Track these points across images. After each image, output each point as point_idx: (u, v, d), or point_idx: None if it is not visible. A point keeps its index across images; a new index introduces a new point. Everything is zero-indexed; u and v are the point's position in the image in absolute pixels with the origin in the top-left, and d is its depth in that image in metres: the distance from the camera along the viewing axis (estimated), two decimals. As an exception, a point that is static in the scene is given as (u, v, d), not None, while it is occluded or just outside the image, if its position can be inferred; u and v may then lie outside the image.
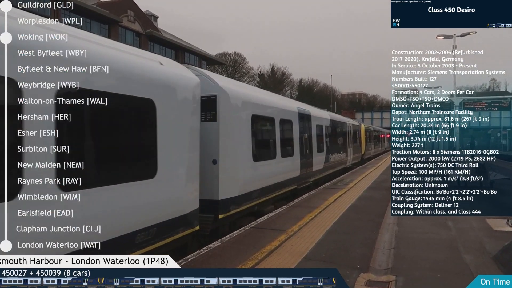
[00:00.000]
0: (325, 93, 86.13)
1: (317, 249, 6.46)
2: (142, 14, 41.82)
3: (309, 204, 10.75)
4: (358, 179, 17.39)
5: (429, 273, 5.37)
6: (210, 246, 6.55)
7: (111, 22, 36.84)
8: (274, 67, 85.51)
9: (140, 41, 40.46)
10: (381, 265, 5.80)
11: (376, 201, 11.44)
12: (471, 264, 5.74)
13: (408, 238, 7.26)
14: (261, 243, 6.80)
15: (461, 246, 6.67)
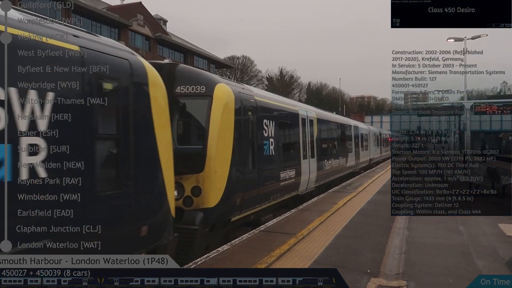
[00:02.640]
0: (334, 96, 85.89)
1: (327, 253, 6.42)
2: (151, 18, 42.15)
3: (318, 208, 10.70)
4: (367, 182, 17.28)
5: (440, 279, 5.30)
6: (219, 250, 6.54)
7: (121, 26, 37.18)
8: (282, 70, 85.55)
9: (150, 45, 40.78)
10: (391, 270, 5.75)
11: (386, 206, 11.29)
12: (484, 270, 5.66)
13: (419, 243, 7.19)
14: (271, 246, 6.77)
15: (473, 252, 6.58)
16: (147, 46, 40.09)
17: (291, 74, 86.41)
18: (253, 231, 7.89)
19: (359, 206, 11.08)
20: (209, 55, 51.46)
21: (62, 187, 3.62)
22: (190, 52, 47.34)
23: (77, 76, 3.86)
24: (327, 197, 12.84)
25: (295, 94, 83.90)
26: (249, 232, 7.80)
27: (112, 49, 4.71)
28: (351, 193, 13.75)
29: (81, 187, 3.70)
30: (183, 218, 6.59)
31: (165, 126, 5.32)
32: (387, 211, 10.55)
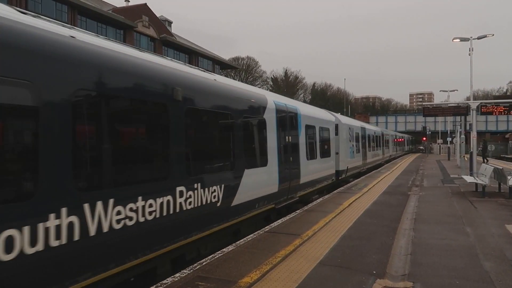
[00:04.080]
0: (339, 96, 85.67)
1: (333, 254, 6.39)
2: (156, 19, 42.28)
3: (323, 209, 10.66)
4: (372, 183, 17.20)
5: (447, 280, 5.25)
6: (224, 250, 6.53)
7: (126, 27, 37.34)
8: (287, 71, 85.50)
9: (155, 46, 40.90)
10: (397, 271, 5.71)
11: (392, 206, 11.28)
12: (491, 271, 5.60)
13: (425, 244, 7.13)
14: (276, 247, 6.75)
15: (480, 253, 6.51)
16: (152, 48, 40.20)
17: (296, 75, 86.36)
18: (257, 232, 7.88)
19: (365, 207, 11.02)
20: (214, 56, 51.52)
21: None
22: (195, 53, 47.44)
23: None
24: (332, 198, 12.79)
25: (300, 94, 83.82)
26: (254, 233, 7.79)
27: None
28: (356, 194, 13.69)
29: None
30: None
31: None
32: (393, 212, 10.56)
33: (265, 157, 9.30)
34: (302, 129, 12.05)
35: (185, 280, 5.14)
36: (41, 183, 3.82)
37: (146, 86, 5.47)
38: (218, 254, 6.30)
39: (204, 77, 7.37)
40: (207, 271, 5.51)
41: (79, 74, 4.36)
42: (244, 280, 5.16)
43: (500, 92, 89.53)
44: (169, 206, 5.63)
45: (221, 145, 7.67)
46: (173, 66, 6.43)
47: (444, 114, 20.87)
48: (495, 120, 64.31)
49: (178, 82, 6.14)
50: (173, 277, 5.23)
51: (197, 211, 6.32)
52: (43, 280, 3.80)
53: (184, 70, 6.71)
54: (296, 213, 10.02)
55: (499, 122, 64.77)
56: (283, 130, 10.50)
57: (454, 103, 20.52)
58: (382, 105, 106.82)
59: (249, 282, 5.11)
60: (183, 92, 6.12)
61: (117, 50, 5.18)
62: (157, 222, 5.34)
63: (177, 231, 5.89)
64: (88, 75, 4.51)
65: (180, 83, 6.17)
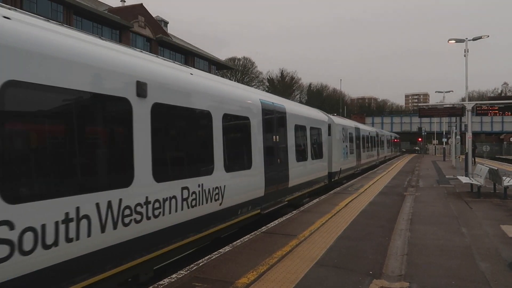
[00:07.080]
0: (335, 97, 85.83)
1: (329, 255, 6.40)
2: (152, 19, 42.20)
3: (319, 209, 10.68)
4: (369, 184, 17.25)
5: (443, 280, 5.27)
6: (221, 251, 6.53)
7: (122, 27, 37.25)
8: (283, 71, 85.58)
9: (151, 46, 40.81)
10: (394, 271, 5.72)
11: (388, 207, 11.32)
12: (487, 271, 5.63)
13: (421, 244, 7.16)
14: (272, 248, 6.76)
15: (475, 253, 6.55)
16: (148, 48, 40.12)
17: (292, 76, 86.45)
18: (254, 233, 7.88)
19: (361, 207, 11.05)
20: (210, 56, 51.50)
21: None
22: (191, 53, 47.40)
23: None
24: (329, 198, 12.82)
25: (296, 95, 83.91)
26: (250, 234, 7.78)
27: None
28: (352, 194, 13.72)
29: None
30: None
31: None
32: (389, 212, 10.59)
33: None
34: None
35: (182, 281, 5.13)
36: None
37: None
38: (215, 255, 6.30)
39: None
40: (204, 271, 5.51)
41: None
42: (241, 281, 5.16)
43: (495, 93, 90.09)
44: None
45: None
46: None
47: (440, 115, 21.00)
48: (490, 121, 64.72)
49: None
50: (169, 278, 5.22)
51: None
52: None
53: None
54: (293, 213, 10.03)
55: (494, 123, 65.18)
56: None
57: (449, 104, 20.61)
58: (378, 106, 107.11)
59: (246, 282, 5.11)
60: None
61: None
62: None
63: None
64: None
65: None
